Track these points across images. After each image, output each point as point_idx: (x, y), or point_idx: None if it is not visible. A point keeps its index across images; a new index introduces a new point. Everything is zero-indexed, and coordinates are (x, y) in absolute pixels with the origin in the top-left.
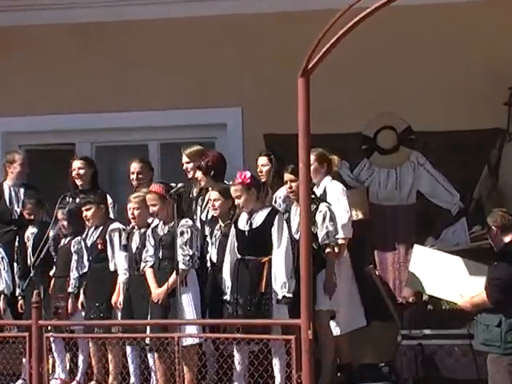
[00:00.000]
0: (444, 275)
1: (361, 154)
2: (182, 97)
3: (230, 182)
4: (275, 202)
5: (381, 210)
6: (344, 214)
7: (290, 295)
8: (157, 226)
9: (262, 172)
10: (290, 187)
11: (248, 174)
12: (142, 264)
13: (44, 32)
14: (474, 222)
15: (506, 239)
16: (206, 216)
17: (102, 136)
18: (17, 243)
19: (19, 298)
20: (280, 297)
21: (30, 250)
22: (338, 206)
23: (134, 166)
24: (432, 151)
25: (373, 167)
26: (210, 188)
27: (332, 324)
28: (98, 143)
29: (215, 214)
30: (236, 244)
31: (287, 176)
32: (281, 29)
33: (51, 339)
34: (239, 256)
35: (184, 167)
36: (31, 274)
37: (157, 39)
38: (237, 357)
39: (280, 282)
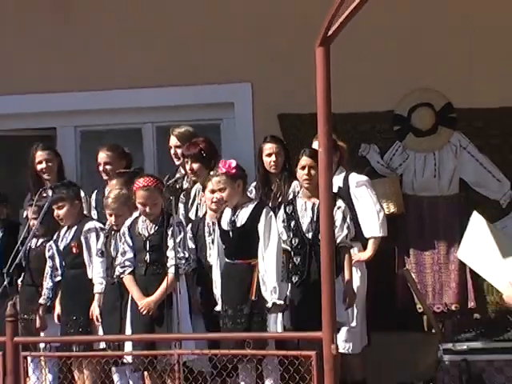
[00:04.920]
0: (496, 256)
1: (392, 137)
2: (181, 72)
3: (212, 173)
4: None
5: (417, 201)
6: (375, 210)
7: (281, 302)
8: (134, 225)
9: (273, 162)
10: (308, 174)
11: (233, 162)
12: (119, 269)
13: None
14: None
15: None
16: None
17: (87, 119)
18: None
19: None
20: (270, 304)
21: None
22: (368, 201)
23: (101, 156)
24: (478, 132)
25: (407, 152)
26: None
27: (340, 338)
28: (82, 127)
29: (213, 210)
30: (223, 246)
31: (305, 160)
32: None
33: (29, 359)
34: (227, 260)
35: (172, 151)
36: (5, 283)
37: (150, 5)
38: (241, 375)
39: (270, 286)
